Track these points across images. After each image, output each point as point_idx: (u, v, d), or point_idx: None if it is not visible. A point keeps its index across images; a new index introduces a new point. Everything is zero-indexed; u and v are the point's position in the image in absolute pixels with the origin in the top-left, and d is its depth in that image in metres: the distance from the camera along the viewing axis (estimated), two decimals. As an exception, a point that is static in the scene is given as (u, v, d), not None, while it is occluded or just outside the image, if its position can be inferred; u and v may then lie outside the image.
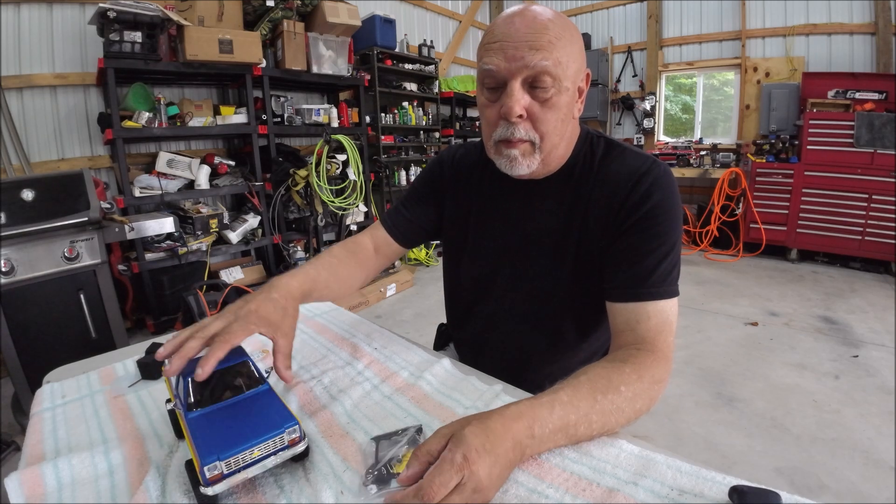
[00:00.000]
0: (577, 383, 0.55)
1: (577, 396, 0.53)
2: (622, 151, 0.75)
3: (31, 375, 1.73)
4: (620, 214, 0.70)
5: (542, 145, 0.68)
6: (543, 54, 0.62)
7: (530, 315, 0.83)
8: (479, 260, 0.86)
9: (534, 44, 0.62)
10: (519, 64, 0.63)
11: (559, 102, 0.66)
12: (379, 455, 0.53)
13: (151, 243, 2.75)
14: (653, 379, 0.60)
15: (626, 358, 0.61)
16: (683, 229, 4.58)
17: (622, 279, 0.68)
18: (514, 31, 0.63)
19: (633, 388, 0.57)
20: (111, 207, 2.02)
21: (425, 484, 0.42)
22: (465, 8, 5.75)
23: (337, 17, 3.33)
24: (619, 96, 5.26)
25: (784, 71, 4.27)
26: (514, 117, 0.65)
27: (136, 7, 2.48)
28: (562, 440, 0.52)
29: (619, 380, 0.57)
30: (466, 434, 0.45)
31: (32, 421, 0.67)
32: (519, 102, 0.64)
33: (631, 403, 0.56)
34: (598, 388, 0.55)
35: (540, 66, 0.62)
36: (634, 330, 0.65)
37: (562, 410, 0.52)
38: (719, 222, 4.38)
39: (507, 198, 0.82)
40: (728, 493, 0.45)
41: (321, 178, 3.20)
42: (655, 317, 0.65)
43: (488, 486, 0.44)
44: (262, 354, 0.86)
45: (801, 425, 1.78)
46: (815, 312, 2.90)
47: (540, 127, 0.67)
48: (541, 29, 0.63)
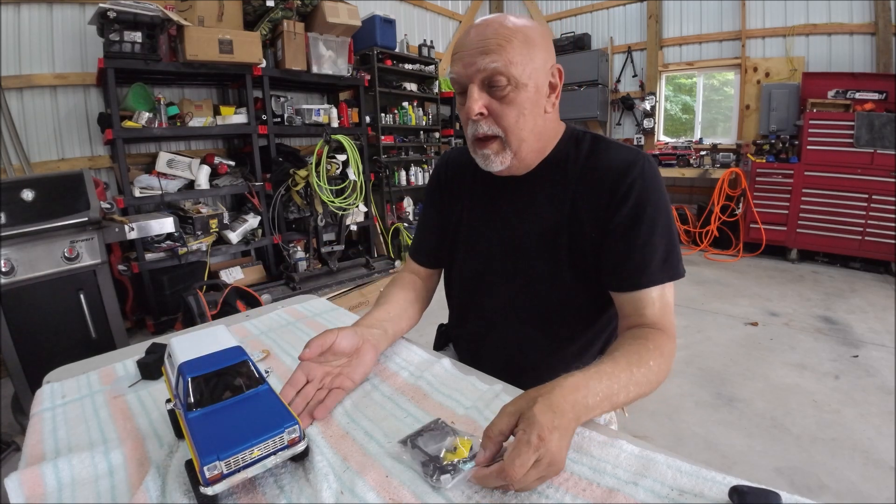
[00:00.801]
0: (615, 357, 0.63)
1: (618, 369, 0.61)
2: (608, 146, 0.79)
3: (31, 375, 1.73)
4: (610, 207, 0.74)
5: (509, 139, 0.74)
6: (493, 57, 0.68)
7: (526, 310, 0.84)
8: (472, 258, 0.89)
9: (484, 49, 0.69)
10: (473, 69, 0.70)
11: (517, 98, 0.71)
12: (428, 451, 0.54)
13: (151, 243, 2.75)
14: (669, 354, 0.68)
15: (647, 336, 0.68)
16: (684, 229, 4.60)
17: (624, 270, 0.73)
18: (469, 41, 0.71)
19: (657, 362, 0.65)
20: (111, 207, 2.02)
21: (507, 465, 0.46)
22: (465, 8, 5.75)
23: (337, 17, 3.34)
24: (619, 96, 5.25)
25: (784, 71, 4.27)
26: (474, 115, 0.72)
27: (136, 7, 2.48)
28: (607, 407, 0.58)
29: (647, 355, 0.64)
30: (536, 414, 0.49)
31: (32, 421, 0.67)
32: (477, 102, 0.71)
33: (656, 375, 0.64)
34: (633, 361, 0.63)
35: (490, 67, 0.69)
36: (642, 314, 0.72)
37: (608, 381, 0.59)
38: (719, 222, 4.38)
39: (497, 196, 0.85)
40: (728, 493, 0.45)
41: (321, 178, 3.20)
42: (659, 300, 0.72)
43: (560, 458, 0.49)
44: (261, 354, 0.87)
45: (801, 425, 1.78)
46: (815, 312, 2.90)
47: (501, 122, 0.72)
48: (491, 35, 0.69)
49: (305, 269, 3.52)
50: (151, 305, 2.79)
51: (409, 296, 0.92)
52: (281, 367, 0.81)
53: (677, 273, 0.73)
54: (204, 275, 2.91)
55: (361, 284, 3.59)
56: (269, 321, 1.04)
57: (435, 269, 0.99)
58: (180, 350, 0.55)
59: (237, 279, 3.16)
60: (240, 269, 3.27)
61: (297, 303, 1.15)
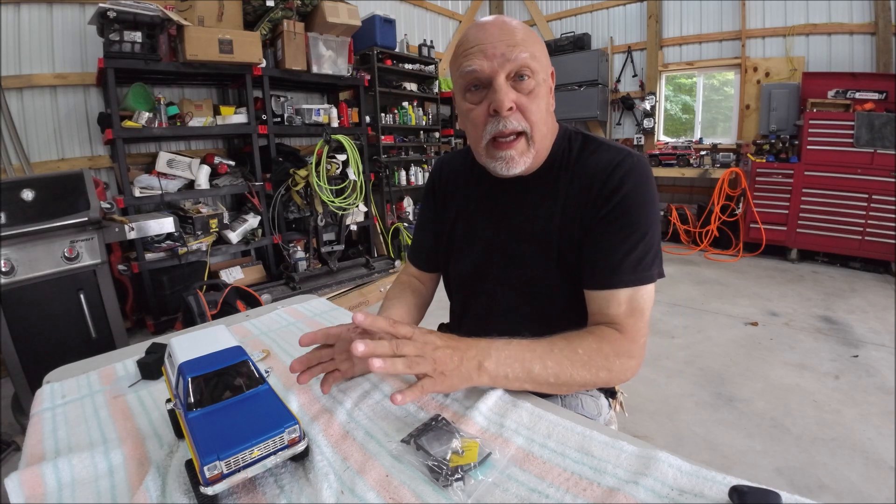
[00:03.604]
0: (539, 338, 0.65)
1: (536, 342, 0.63)
2: (598, 145, 0.78)
3: (31, 375, 1.73)
4: (596, 204, 0.73)
5: (534, 135, 0.72)
6: (521, 48, 0.67)
7: (522, 310, 0.84)
8: (468, 260, 0.89)
9: (510, 41, 0.67)
10: (501, 60, 0.67)
11: (541, 93, 0.71)
12: (432, 452, 0.54)
13: (151, 243, 2.75)
14: (614, 351, 0.66)
15: (591, 330, 0.69)
16: (684, 229, 4.60)
17: (595, 267, 0.72)
18: (489, 35, 0.69)
19: (589, 352, 0.64)
20: (111, 207, 2.02)
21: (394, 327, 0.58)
22: (465, 8, 5.75)
23: (337, 17, 3.33)
24: (619, 96, 5.25)
25: (784, 71, 4.27)
26: (506, 110, 0.68)
27: (136, 7, 2.48)
28: (518, 369, 0.61)
29: (577, 343, 0.65)
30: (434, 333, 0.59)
31: (32, 421, 0.67)
32: (508, 95, 0.68)
33: (586, 365, 0.64)
34: (555, 342, 0.64)
35: (521, 58, 0.67)
36: (605, 313, 0.71)
37: (518, 346, 0.62)
38: (719, 222, 4.38)
39: (491, 197, 0.85)
40: (728, 492, 0.45)
41: (321, 178, 3.20)
42: (626, 303, 0.70)
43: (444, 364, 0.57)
44: (261, 354, 0.87)
45: (801, 425, 1.78)
46: (815, 312, 2.90)
47: (530, 117, 0.71)
48: (511, 30, 0.69)
49: (305, 268, 3.52)
50: (151, 305, 2.78)
51: (414, 300, 0.93)
52: (281, 367, 0.81)
53: (649, 277, 0.71)
54: (204, 275, 2.91)
55: (361, 284, 3.59)
56: (269, 321, 1.04)
57: (433, 273, 0.99)
58: (180, 350, 0.55)
59: (237, 279, 3.16)
60: (240, 269, 3.27)
61: (297, 303, 1.15)
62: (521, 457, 0.54)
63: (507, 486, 0.49)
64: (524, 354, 0.61)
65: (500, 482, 0.50)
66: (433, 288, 1.00)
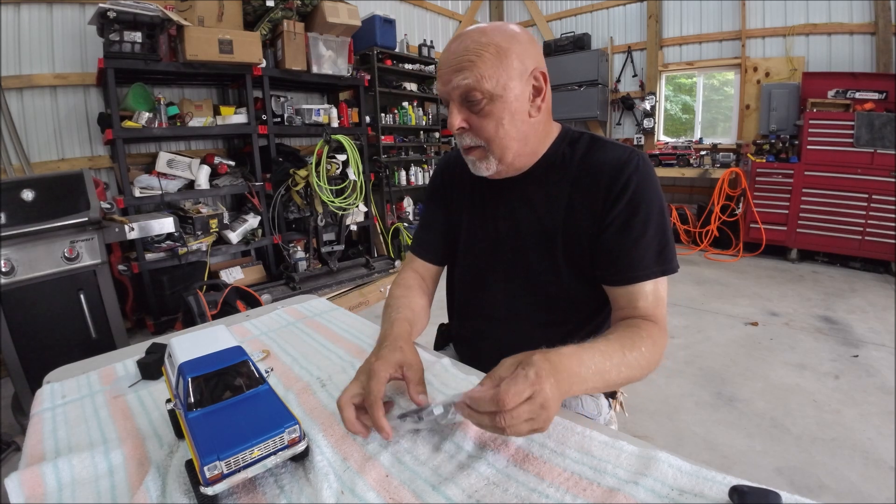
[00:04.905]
0: (609, 339, 0.65)
1: (612, 348, 0.63)
2: (604, 145, 0.80)
3: (31, 375, 1.73)
4: (606, 204, 0.75)
5: (491, 148, 0.76)
6: (464, 74, 0.70)
7: (525, 309, 0.84)
8: (471, 258, 0.90)
9: (457, 66, 0.71)
10: (449, 87, 0.73)
11: (494, 110, 0.73)
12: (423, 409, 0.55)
13: (151, 243, 2.75)
14: (660, 345, 0.70)
15: (640, 325, 0.70)
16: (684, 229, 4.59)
17: (618, 264, 0.75)
18: (445, 59, 0.73)
19: (649, 349, 0.67)
20: (111, 207, 2.02)
21: (502, 392, 0.48)
22: (465, 8, 5.75)
23: (337, 17, 3.33)
24: (619, 96, 5.25)
25: (784, 71, 4.26)
26: (455, 130, 0.76)
27: (136, 7, 2.48)
28: (599, 383, 0.60)
29: (640, 342, 0.66)
30: (536, 360, 0.52)
31: (32, 421, 0.67)
32: (456, 118, 0.74)
33: (647, 362, 0.66)
34: (626, 345, 0.65)
35: (462, 84, 0.71)
36: (635, 307, 0.74)
37: (601, 357, 0.61)
38: (719, 222, 4.38)
39: (494, 196, 0.86)
40: (728, 492, 0.45)
41: (321, 178, 3.20)
42: (652, 294, 0.74)
43: (552, 404, 0.50)
44: (261, 354, 0.87)
45: (801, 425, 1.78)
46: (815, 312, 2.90)
47: (481, 133, 0.74)
48: (462, 52, 0.71)
49: (305, 268, 3.52)
50: (151, 305, 2.78)
51: (422, 301, 0.90)
52: (281, 367, 0.81)
53: (671, 268, 0.75)
54: (204, 275, 2.91)
55: (361, 284, 3.59)
56: (269, 321, 1.04)
57: (439, 267, 0.98)
58: (180, 350, 0.55)
59: (237, 279, 3.16)
60: (240, 269, 3.27)
61: (297, 303, 1.15)
62: (520, 457, 0.54)
63: (507, 486, 0.49)
64: (604, 365, 0.61)
65: (500, 482, 0.50)
66: (436, 284, 0.98)
